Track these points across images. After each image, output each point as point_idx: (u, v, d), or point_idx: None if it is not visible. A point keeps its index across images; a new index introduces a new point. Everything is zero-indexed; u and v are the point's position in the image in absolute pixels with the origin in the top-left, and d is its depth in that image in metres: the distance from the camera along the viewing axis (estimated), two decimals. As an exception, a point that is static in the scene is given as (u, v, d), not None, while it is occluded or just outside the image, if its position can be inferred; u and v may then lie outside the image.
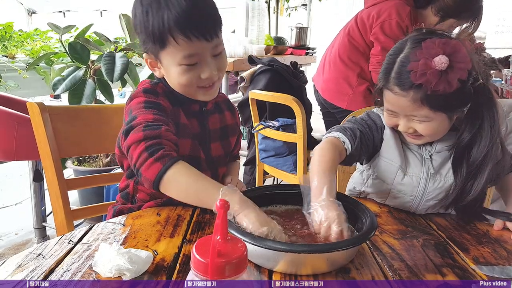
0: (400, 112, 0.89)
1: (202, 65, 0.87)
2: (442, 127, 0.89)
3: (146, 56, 0.92)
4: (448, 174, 0.93)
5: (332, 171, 0.83)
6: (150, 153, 0.78)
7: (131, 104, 0.89)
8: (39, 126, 1.07)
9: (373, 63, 2.06)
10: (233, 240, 0.45)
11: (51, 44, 3.05)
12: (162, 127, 0.83)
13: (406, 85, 0.83)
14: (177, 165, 0.78)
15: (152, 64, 0.93)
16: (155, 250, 0.70)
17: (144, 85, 0.93)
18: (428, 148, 0.95)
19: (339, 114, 2.19)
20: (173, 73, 0.89)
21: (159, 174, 0.77)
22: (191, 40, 0.83)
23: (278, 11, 4.68)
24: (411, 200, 0.95)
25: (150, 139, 0.80)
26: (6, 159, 1.91)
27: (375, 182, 1.00)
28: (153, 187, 0.78)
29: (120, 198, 1.00)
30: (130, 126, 0.83)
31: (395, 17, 1.97)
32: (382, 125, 0.99)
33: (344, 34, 2.15)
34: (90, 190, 2.26)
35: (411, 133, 0.91)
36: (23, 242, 2.21)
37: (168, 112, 0.90)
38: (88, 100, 2.09)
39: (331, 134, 0.95)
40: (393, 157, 0.96)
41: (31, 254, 0.68)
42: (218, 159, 1.02)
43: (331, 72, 2.19)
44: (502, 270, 0.68)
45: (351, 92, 2.13)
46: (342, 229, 0.69)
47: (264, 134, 2.12)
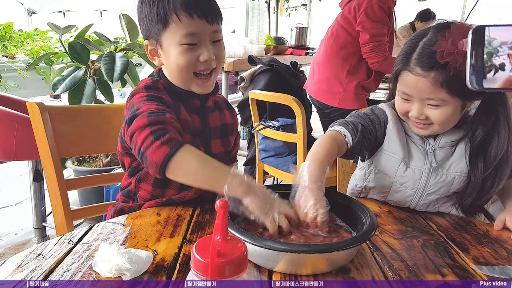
0: (416, 96, 0.90)
1: (201, 47, 0.90)
2: (453, 116, 0.90)
3: (147, 42, 0.93)
4: (450, 169, 0.94)
5: (323, 160, 0.84)
6: (156, 137, 0.77)
7: (133, 99, 0.90)
8: (38, 126, 1.07)
9: (366, 51, 2.11)
10: (233, 240, 0.45)
11: (51, 44, 3.05)
12: (167, 114, 0.83)
13: (428, 65, 0.85)
14: (185, 148, 0.78)
15: (152, 53, 0.94)
16: (155, 250, 0.70)
17: (145, 82, 0.94)
18: (431, 142, 0.96)
19: (333, 114, 2.23)
20: (172, 55, 0.90)
21: (166, 157, 0.76)
22: (193, 18, 0.87)
23: (278, 11, 4.68)
24: (413, 194, 0.96)
25: (156, 124, 0.80)
26: (6, 159, 1.91)
27: (377, 176, 1.01)
28: (159, 171, 0.77)
29: (122, 196, 1.00)
30: (133, 115, 0.83)
31: (376, 1, 2.03)
32: (385, 119, 1.00)
33: (329, 37, 2.22)
34: (90, 190, 2.26)
35: (421, 121, 0.92)
36: (23, 242, 2.21)
37: (170, 106, 0.91)
38: (88, 100, 2.09)
39: (333, 128, 0.97)
40: (396, 150, 0.97)
41: (31, 254, 0.68)
42: (218, 156, 1.02)
43: (320, 74, 2.24)
44: (502, 270, 0.68)
45: (341, 90, 2.17)
46: (317, 215, 0.71)
47: (264, 134, 2.12)
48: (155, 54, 0.95)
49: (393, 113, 1.00)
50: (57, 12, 5.24)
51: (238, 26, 3.78)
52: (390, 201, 1.00)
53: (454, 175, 0.93)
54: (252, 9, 3.60)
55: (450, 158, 0.95)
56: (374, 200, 1.03)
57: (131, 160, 0.98)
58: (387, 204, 1.00)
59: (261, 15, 3.68)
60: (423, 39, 0.88)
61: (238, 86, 2.59)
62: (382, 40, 2.08)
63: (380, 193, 1.01)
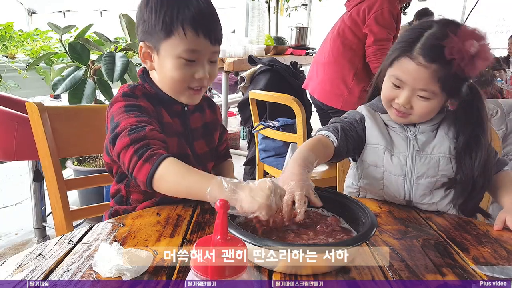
0: (410, 84, 0.92)
1: (199, 65, 0.90)
2: (434, 110, 0.96)
3: (143, 44, 0.92)
4: (434, 151, 0.98)
5: (305, 153, 0.87)
6: (139, 156, 0.79)
7: (112, 110, 0.90)
8: (38, 126, 1.07)
9: (369, 54, 2.11)
10: (233, 240, 0.45)
11: (51, 44, 3.05)
12: (146, 127, 0.83)
13: (432, 57, 0.88)
14: (165, 162, 0.78)
15: (145, 55, 0.93)
16: (155, 250, 0.70)
17: (123, 90, 0.93)
18: (412, 129, 1.01)
19: (334, 115, 2.22)
20: (168, 66, 0.89)
21: (149, 174, 0.78)
22: (198, 36, 0.87)
23: (278, 11, 4.69)
24: (403, 181, 0.99)
25: (137, 141, 0.81)
26: (6, 159, 1.91)
27: (368, 171, 1.04)
28: (147, 187, 0.79)
29: (114, 203, 1.00)
30: (115, 134, 0.84)
31: (387, 5, 2.04)
32: (362, 117, 1.05)
33: (335, 37, 2.19)
34: (90, 190, 2.26)
35: (404, 109, 0.95)
36: (23, 242, 2.21)
37: (150, 112, 0.91)
38: (88, 100, 2.09)
39: (316, 134, 1.02)
40: (378, 140, 1.01)
41: (31, 254, 0.68)
42: (204, 155, 1.03)
43: (325, 74, 2.21)
44: (502, 270, 0.68)
45: (346, 93, 2.16)
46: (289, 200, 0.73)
47: (264, 134, 2.12)
48: (148, 58, 0.93)
49: (367, 109, 1.06)
50: (57, 12, 5.24)
51: (238, 26, 3.79)
52: (387, 195, 1.02)
53: (438, 157, 0.97)
54: (252, 9, 3.60)
55: (432, 141, 0.98)
56: (374, 200, 1.03)
57: (118, 166, 0.97)
58: (387, 204, 1.00)
59: (261, 15, 3.69)
60: (428, 31, 0.90)
61: (238, 86, 2.59)
62: (385, 45, 2.07)
63: (376, 188, 1.03)
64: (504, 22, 5.37)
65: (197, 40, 0.87)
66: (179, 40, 0.86)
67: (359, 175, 1.06)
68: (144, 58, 0.94)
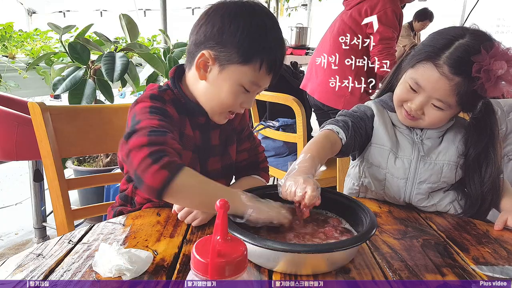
0: (429, 91, 0.89)
1: (250, 96, 0.90)
2: (445, 121, 0.95)
3: (207, 53, 0.85)
4: (439, 158, 0.96)
5: (315, 156, 0.84)
6: (154, 160, 0.71)
7: (136, 108, 0.85)
8: (40, 126, 1.07)
9: (375, 53, 2.11)
10: (233, 240, 0.45)
11: (51, 44, 3.05)
12: (168, 134, 0.78)
13: (459, 70, 0.85)
14: (183, 171, 0.73)
15: (203, 65, 0.86)
16: (155, 250, 0.70)
17: (151, 91, 0.89)
18: (418, 132, 0.99)
19: (335, 115, 2.21)
20: (226, 88, 0.86)
21: (165, 182, 0.71)
22: (268, 74, 0.87)
23: (278, 11, 4.69)
24: (405, 184, 0.98)
25: (155, 144, 0.74)
26: (6, 159, 1.91)
27: (371, 171, 1.02)
28: (156, 195, 0.72)
29: (119, 199, 1.00)
30: (133, 130, 0.77)
31: (390, 5, 2.04)
32: (372, 114, 1.03)
33: (335, 37, 2.18)
34: (90, 190, 2.26)
35: (415, 114, 0.93)
36: (23, 242, 2.21)
37: (174, 120, 0.87)
38: (88, 100, 2.09)
39: (325, 128, 0.99)
40: (384, 141, 0.99)
41: (31, 254, 0.68)
42: (215, 172, 0.99)
43: (326, 74, 2.21)
44: (502, 270, 0.68)
45: (348, 94, 2.16)
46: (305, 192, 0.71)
47: (264, 134, 2.12)
48: (204, 68, 0.86)
49: (378, 108, 1.03)
50: (57, 12, 5.25)
51: (238, 26, 3.78)
52: (387, 196, 1.01)
53: (443, 164, 0.96)
54: (252, 9, 3.59)
55: (438, 148, 0.97)
56: (374, 200, 1.03)
57: None
58: (387, 204, 1.00)
59: (261, 15, 3.68)
60: (459, 40, 0.86)
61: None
62: (391, 43, 2.08)
63: (377, 188, 1.02)
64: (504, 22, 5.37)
65: (265, 77, 0.87)
66: (252, 71, 0.84)
67: (361, 174, 1.04)
68: (200, 66, 0.86)
